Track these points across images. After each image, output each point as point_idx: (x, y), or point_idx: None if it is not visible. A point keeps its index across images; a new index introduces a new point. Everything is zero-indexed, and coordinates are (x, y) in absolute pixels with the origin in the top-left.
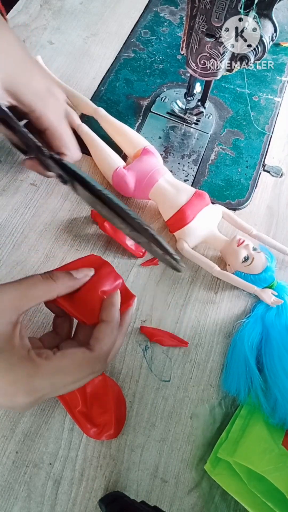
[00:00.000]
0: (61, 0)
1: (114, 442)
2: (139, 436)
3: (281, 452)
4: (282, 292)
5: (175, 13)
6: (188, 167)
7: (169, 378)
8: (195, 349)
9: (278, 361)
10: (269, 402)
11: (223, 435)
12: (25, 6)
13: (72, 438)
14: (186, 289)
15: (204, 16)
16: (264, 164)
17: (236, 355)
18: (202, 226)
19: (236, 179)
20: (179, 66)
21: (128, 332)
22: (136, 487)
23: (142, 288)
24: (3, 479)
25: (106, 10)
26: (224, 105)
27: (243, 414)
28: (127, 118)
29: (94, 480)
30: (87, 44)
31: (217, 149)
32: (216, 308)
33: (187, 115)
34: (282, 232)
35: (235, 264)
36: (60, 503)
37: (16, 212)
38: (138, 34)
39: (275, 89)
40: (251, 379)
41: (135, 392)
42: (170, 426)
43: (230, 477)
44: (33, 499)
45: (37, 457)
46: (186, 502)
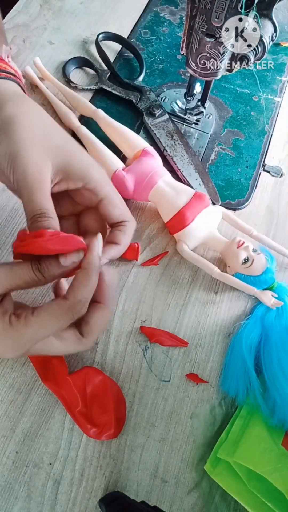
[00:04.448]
0: (61, 0)
1: (114, 442)
2: (139, 436)
3: (280, 453)
4: (282, 293)
5: (175, 13)
6: None
7: (169, 378)
8: (195, 349)
9: (277, 363)
10: (267, 403)
11: (223, 435)
12: (25, 6)
13: (72, 438)
14: (186, 289)
15: (204, 16)
16: (264, 164)
17: (234, 357)
18: (202, 228)
19: (236, 179)
20: (179, 66)
21: (128, 332)
22: (136, 487)
23: (142, 288)
24: (3, 479)
25: (106, 10)
26: (224, 105)
27: (243, 414)
28: (126, 119)
29: (94, 480)
30: (87, 44)
31: (217, 149)
32: (216, 308)
33: (187, 115)
34: (282, 232)
35: (235, 265)
36: (60, 503)
37: (16, 212)
38: (138, 34)
39: (275, 89)
40: (249, 380)
41: (135, 392)
42: (170, 426)
43: (230, 477)
44: (33, 499)
45: (37, 457)
46: (186, 502)
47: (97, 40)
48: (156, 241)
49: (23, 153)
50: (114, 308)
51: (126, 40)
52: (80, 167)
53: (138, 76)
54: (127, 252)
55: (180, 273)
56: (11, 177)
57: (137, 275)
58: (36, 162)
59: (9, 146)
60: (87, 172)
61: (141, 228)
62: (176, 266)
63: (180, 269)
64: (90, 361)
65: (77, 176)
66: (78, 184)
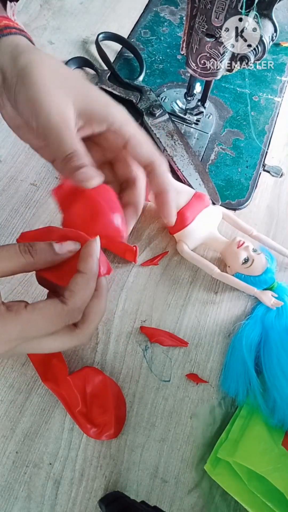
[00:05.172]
0: (61, 0)
1: (114, 442)
2: (139, 436)
3: (281, 453)
4: (282, 293)
5: (175, 13)
6: None
7: (169, 378)
8: (195, 349)
9: (277, 363)
10: (267, 403)
11: (223, 435)
12: (25, 6)
13: (72, 438)
14: (186, 289)
15: (204, 16)
16: (264, 164)
17: (234, 357)
18: (202, 228)
19: (236, 179)
20: (179, 66)
21: (128, 332)
22: (136, 487)
23: (142, 288)
24: (3, 479)
25: (106, 10)
26: (224, 105)
27: (243, 414)
28: None
29: (94, 480)
30: (87, 44)
31: (217, 149)
32: (216, 308)
33: (187, 115)
34: (282, 232)
35: (235, 265)
36: (60, 503)
37: (16, 212)
38: (138, 34)
39: (275, 89)
40: (249, 380)
41: (135, 392)
42: (170, 426)
43: (230, 477)
44: (33, 499)
45: (37, 457)
46: (186, 502)
47: (97, 40)
48: (156, 241)
49: (45, 98)
50: (114, 307)
51: (126, 40)
52: (101, 108)
53: (138, 76)
54: (126, 253)
55: (180, 273)
56: (35, 124)
57: (137, 275)
58: (59, 105)
59: (29, 93)
60: (109, 111)
61: (141, 228)
62: (176, 266)
63: (180, 269)
64: (90, 361)
65: (100, 117)
66: (102, 126)
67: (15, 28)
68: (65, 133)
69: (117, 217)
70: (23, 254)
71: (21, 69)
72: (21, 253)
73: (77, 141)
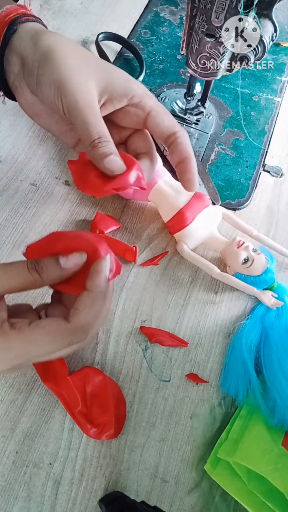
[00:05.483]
0: (61, 0)
1: (114, 442)
2: (139, 436)
3: (281, 453)
4: (282, 293)
5: (175, 13)
6: None
7: (169, 378)
8: (195, 349)
9: (277, 363)
10: (267, 403)
11: (223, 435)
12: None
13: (72, 438)
14: (186, 289)
15: (204, 16)
16: (264, 164)
17: (234, 356)
18: (202, 228)
19: (236, 179)
20: (179, 66)
21: (128, 332)
22: (136, 487)
23: (142, 288)
24: (3, 479)
25: (106, 10)
26: (224, 105)
27: (243, 414)
28: None
29: (94, 480)
30: (87, 44)
31: (217, 149)
32: (216, 308)
33: (187, 115)
34: (282, 232)
35: (235, 265)
36: (60, 503)
37: (16, 212)
38: (138, 34)
39: (275, 89)
40: (249, 380)
41: (135, 392)
42: (170, 426)
43: (230, 477)
44: (33, 499)
45: (37, 457)
46: (186, 502)
47: (97, 40)
48: (156, 241)
49: (70, 78)
50: (114, 307)
51: (126, 40)
52: (121, 83)
53: (138, 76)
54: (126, 253)
55: (180, 273)
56: (60, 105)
57: (137, 275)
58: (83, 85)
59: (53, 74)
60: (129, 86)
61: (141, 228)
62: (176, 266)
63: (180, 269)
64: (90, 361)
65: (120, 92)
66: (123, 101)
67: (32, 16)
68: (91, 114)
69: (133, 171)
70: (31, 272)
71: (43, 51)
72: (29, 270)
73: (102, 123)
